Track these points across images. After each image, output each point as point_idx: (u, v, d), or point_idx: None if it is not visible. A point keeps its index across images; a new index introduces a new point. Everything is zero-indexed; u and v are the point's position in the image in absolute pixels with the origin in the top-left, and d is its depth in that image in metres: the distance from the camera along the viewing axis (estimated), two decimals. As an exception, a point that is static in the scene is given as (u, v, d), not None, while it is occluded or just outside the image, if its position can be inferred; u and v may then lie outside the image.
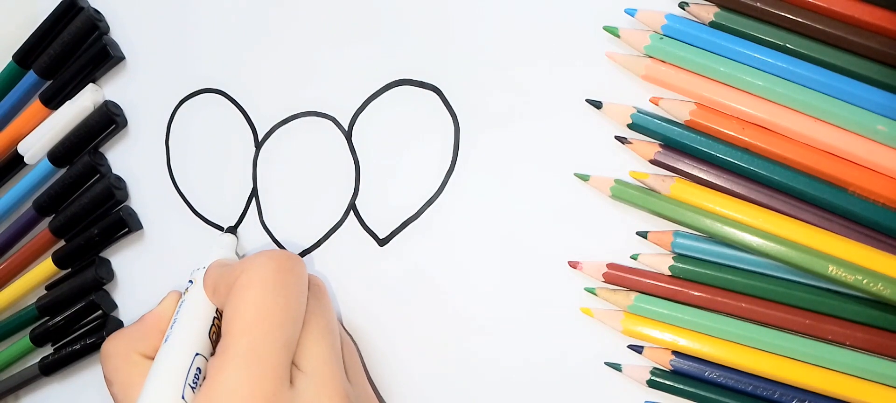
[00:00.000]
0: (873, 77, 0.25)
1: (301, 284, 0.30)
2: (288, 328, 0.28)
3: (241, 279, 0.28)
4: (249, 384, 0.26)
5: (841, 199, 0.26)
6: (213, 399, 0.26)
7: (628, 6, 0.28)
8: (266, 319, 0.27)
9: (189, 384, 0.28)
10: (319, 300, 0.31)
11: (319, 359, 0.29)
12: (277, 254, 0.29)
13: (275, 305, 0.28)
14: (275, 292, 0.28)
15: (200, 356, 0.29)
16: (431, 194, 0.32)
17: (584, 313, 0.29)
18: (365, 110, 0.33)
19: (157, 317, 0.32)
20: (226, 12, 0.36)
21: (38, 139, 0.40)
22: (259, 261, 0.29)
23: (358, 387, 0.30)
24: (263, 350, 0.27)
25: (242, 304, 0.28)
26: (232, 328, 0.27)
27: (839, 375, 0.26)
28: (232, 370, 0.26)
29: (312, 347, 0.29)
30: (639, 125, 0.28)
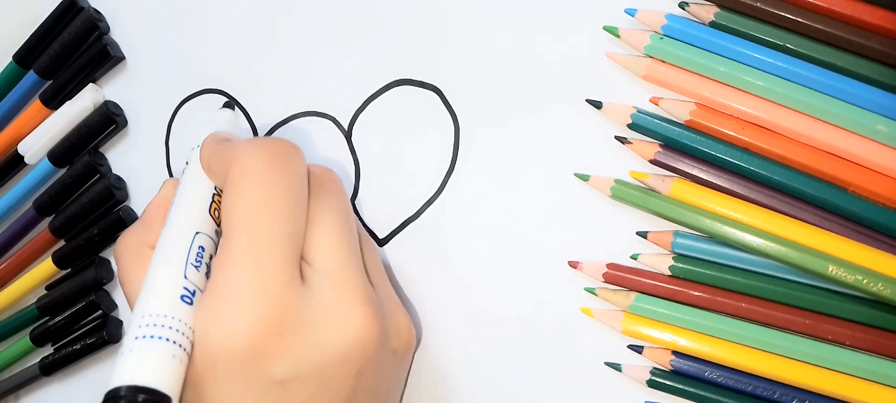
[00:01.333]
0: (873, 77, 0.25)
1: (298, 172, 0.27)
2: (288, 221, 0.26)
3: (232, 169, 0.26)
4: (254, 282, 0.24)
5: (841, 199, 0.26)
6: (216, 300, 0.24)
7: (628, 6, 0.28)
8: (263, 211, 0.25)
9: (192, 263, 0.26)
10: (330, 193, 0.28)
11: (334, 256, 0.26)
12: (269, 141, 0.27)
13: (272, 195, 0.25)
14: (268, 183, 0.26)
15: (202, 234, 0.27)
16: (431, 194, 0.32)
17: (584, 313, 0.29)
18: (365, 110, 0.33)
19: (158, 205, 0.30)
20: (226, 12, 0.36)
21: (38, 139, 0.40)
22: (251, 150, 0.26)
23: (381, 292, 0.28)
24: (264, 243, 0.25)
25: (236, 197, 0.26)
26: (229, 224, 0.25)
27: (839, 375, 0.26)
28: (233, 269, 0.25)
29: (324, 243, 0.26)
30: (639, 125, 0.28)
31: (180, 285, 0.25)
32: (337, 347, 0.25)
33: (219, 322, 0.24)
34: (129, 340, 0.24)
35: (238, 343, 0.24)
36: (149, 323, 0.24)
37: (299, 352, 0.24)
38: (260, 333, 0.24)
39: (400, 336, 0.28)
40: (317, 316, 0.25)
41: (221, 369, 0.24)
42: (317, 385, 0.25)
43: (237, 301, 0.24)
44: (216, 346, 0.24)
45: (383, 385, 0.28)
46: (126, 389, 0.23)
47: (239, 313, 0.24)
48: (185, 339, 0.24)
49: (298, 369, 0.24)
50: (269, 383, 0.24)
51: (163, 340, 0.24)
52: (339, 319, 0.25)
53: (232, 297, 0.24)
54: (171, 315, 0.24)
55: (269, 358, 0.24)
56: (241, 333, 0.24)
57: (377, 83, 0.33)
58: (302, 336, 0.24)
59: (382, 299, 0.28)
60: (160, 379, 0.23)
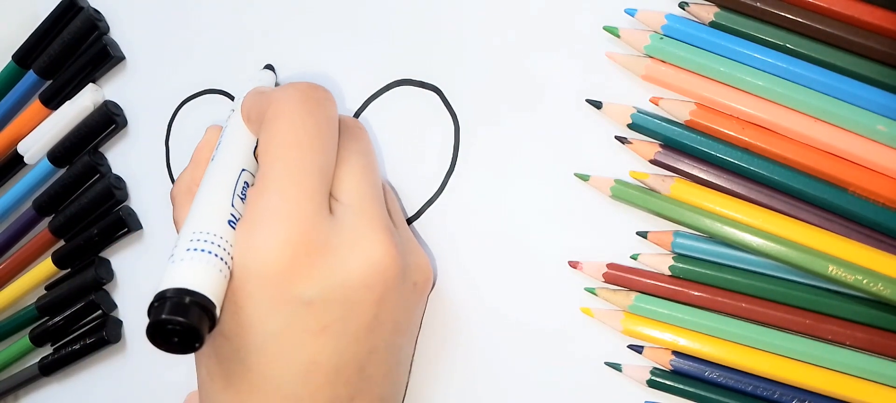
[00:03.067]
0: (873, 77, 0.25)
1: (329, 112, 0.29)
2: (319, 154, 0.28)
3: (269, 111, 0.28)
4: (287, 205, 0.26)
5: (841, 199, 0.26)
6: (252, 223, 0.26)
7: (628, 6, 0.28)
8: (296, 145, 0.27)
9: (238, 194, 0.28)
10: (358, 138, 0.30)
11: (358, 191, 0.28)
12: (304, 85, 0.29)
13: (303, 131, 0.27)
14: (302, 118, 0.28)
15: (247, 171, 0.29)
16: (431, 194, 0.32)
17: (584, 313, 0.29)
18: (365, 110, 0.33)
19: (204, 146, 0.32)
20: (226, 12, 0.36)
21: (38, 139, 0.40)
22: (286, 92, 0.29)
23: (402, 232, 0.30)
24: (297, 172, 0.27)
25: (273, 133, 0.28)
26: (266, 157, 0.27)
27: (839, 375, 0.26)
28: (267, 195, 0.26)
29: (350, 180, 0.28)
30: (639, 125, 0.28)
31: (227, 210, 0.27)
32: (360, 272, 0.27)
33: (253, 243, 0.26)
34: (180, 251, 0.25)
35: (269, 263, 0.26)
36: (198, 237, 0.26)
37: (325, 275, 0.26)
38: (289, 255, 0.26)
39: (419, 271, 0.30)
40: (342, 243, 0.27)
41: (255, 287, 0.26)
42: (342, 307, 0.26)
43: (270, 224, 0.26)
44: (251, 265, 0.26)
45: (403, 317, 0.29)
46: (173, 290, 0.24)
47: (271, 235, 0.26)
48: (230, 258, 0.26)
49: (324, 291, 0.26)
50: (298, 303, 0.26)
51: (211, 254, 0.25)
52: (362, 246, 0.27)
53: (265, 221, 0.26)
54: (219, 234, 0.26)
55: (297, 279, 0.26)
56: (272, 254, 0.26)
57: (377, 83, 0.33)
58: (328, 260, 0.26)
59: (402, 235, 0.29)
60: (207, 287, 0.24)
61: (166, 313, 0.23)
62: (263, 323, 0.26)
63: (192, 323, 0.23)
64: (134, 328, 0.40)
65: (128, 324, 0.40)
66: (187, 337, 0.24)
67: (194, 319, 0.24)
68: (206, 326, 0.24)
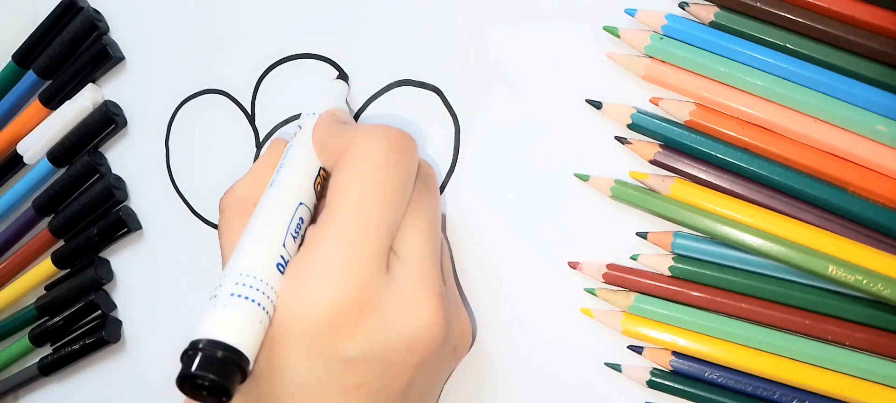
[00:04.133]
0: (873, 77, 0.25)
1: (412, 167, 0.28)
2: (393, 210, 0.26)
3: (352, 150, 0.27)
4: (347, 260, 0.25)
5: (841, 199, 0.26)
6: (308, 268, 0.25)
7: (628, 6, 0.28)
8: (373, 198, 0.26)
9: (291, 233, 0.27)
10: (429, 189, 0.29)
11: (419, 249, 0.27)
12: (393, 132, 0.28)
13: (384, 185, 0.26)
14: (385, 171, 0.26)
15: (304, 206, 0.28)
16: (431, 194, 0.32)
17: (584, 313, 0.29)
18: (365, 110, 0.33)
19: (265, 165, 0.30)
20: (226, 12, 0.36)
21: (38, 139, 0.40)
22: (373, 136, 0.27)
23: (450, 292, 0.29)
24: (366, 228, 0.26)
25: (351, 178, 0.26)
26: (337, 200, 0.26)
27: (839, 375, 0.26)
28: (331, 243, 0.25)
29: (415, 236, 0.27)
30: (639, 125, 0.28)
31: (278, 252, 0.26)
32: (405, 336, 0.26)
33: (305, 291, 0.25)
34: (224, 294, 0.25)
35: (318, 315, 0.25)
36: (245, 283, 0.25)
37: (371, 336, 0.25)
38: (340, 311, 0.25)
39: (461, 336, 0.29)
40: (393, 305, 0.26)
41: (296, 336, 0.25)
42: (380, 368, 0.26)
43: (327, 276, 0.25)
44: (297, 313, 0.25)
45: (437, 379, 0.29)
46: (207, 342, 0.24)
47: (326, 287, 0.25)
48: (271, 305, 0.25)
49: (366, 351, 0.25)
50: (338, 359, 0.25)
51: (254, 303, 0.25)
52: (412, 310, 0.26)
53: (323, 271, 0.25)
54: (266, 280, 0.25)
55: (342, 336, 0.25)
56: (323, 307, 0.25)
57: (377, 83, 0.33)
58: (376, 319, 0.25)
59: (450, 298, 0.29)
60: (244, 341, 0.24)
61: (197, 367, 0.23)
62: (298, 374, 0.25)
63: (221, 381, 0.23)
64: (133, 328, 0.40)
65: (127, 324, 0.40)
66: (216, 391, 0.24)
67: (224, 376, 0.23)
68: (236, 381, 0.24)
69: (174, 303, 0.39)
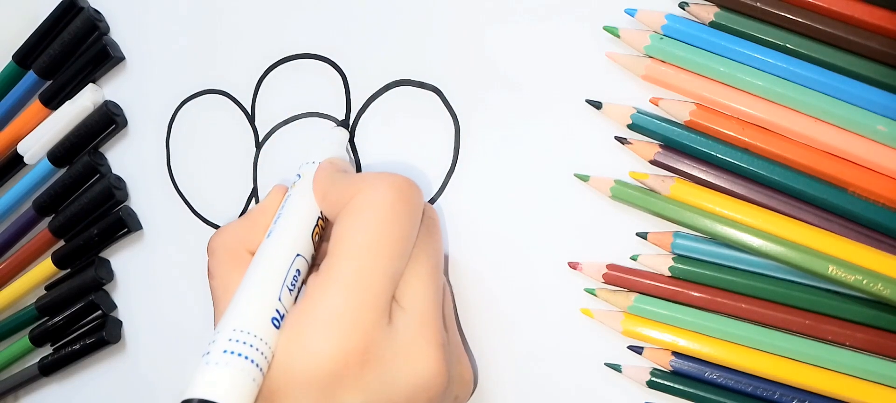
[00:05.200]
0: (873, 77, 0.25)
1: (417, 216, 0.28)
2: (397, 260, 0.26)
3: (357, 199, 0.27)
4: (350, 310, 0.25)
5: (841, 199, 0.26)
6: (310, 318, 0.25)
7: (628, 6, 0.28)
8: (377, 248, 0.26)
9: (287, 286, 0.26)
10: (431, 235, 0.29)
11: (422, 299, 0.27)
12: (398, 180, 0.27)
13: (388, 235, 0.26)
14: (390, 221, 0.26)
15: (301, 257, 0.27)
16: (432, 194, 0.32)
17: (584, 314, 0.29)
18: (365, 110, 0.33)
19: (263, 212, 0.30)
20: (226, 13, 0.36)
21: (38, 139, 0.40)
22: (378, 185, 0.27)
23: (452, 338, 0.29)
24: (369, 279, 0.25)
25: (354, 227, 0.26)
26: (339, 249, 0.26)
27: (839, 375, 0.26)
28: (334, 293, 0.25)
29: (417, 284, 0.27)
30: (639, 125, 0.28)
31: (274, 306, 0.26)
32: (406, 387, 0.26)
33: (307, 341, 0.25)
34: (217, 351, 0.24)
35: (320, 368, 0.24)
36: (239, 339, 0.24)
37: (372, 386, 0.25)
38: (343, 362, 0.25)
39: (462, 384, 0.29)
40: (395, 356, 0.26)
41: (298, 387, 0.25)
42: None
43: (329, 326, 0.25)
44: (298, 366, 0.25)
45: None
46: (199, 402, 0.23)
47: (328, 338, 0.25)
48: (266, 361, 0.25)
49: (368, 401, 0.25)
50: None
51: (248, 360, 0.24)
52: (414, 361, 0.26)
53: (325, 321, 0.25)
54: (260, 336, 0.25)
55: (344, 388, 0.25)
56: (325, 357, 0.25)
57: (377, 83, 0.33)
58: (378, 371, 0.25)
59: (452, 345, 0.29)
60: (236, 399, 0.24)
61: None
62: None
63: None
64: (133, 328, 0.40)
65: (127, 324, 0.40)
66: None
67: None
68: None
69: (174, 303, 0.39)
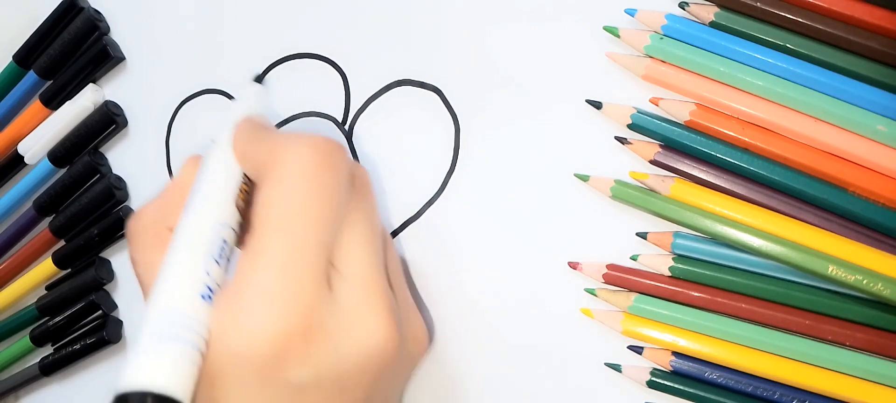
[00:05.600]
0: (873, 77, 0.25)
1: (344, 178, 0.26)
2: (328, 226, 0.25)
3: (276, 168, 0.25)
4: (286, 287, 0.24)
5: (841, 199, 0.26)
6: (244, 299, 0.24)
7: (628, 6, 0.28)
8: (305, 216, 0.24)
9: (214, 258, 0.25)
10: (364, 196, 0.27)
11: (361, 262, 0.26)
12: (320, 142, 0.26)
13: (314, 202, 0.25)
14: (315, 187, 0.25)
15: (226, 225, 0.26)
16: (432, 194, 0.32)
17: (584, 314, 0.29)
18: (365, 110, 0.33)
19: (179, 184, 0.28)
20: (226, 13, 0.36)
21: (39, 139, 0.40)
22: (298, 150, 0.25)
23: (400, 297, 0.28)
24: (302, 250, 0.24)
25: (278, 197, 0.25)
26: (265, 224, 0.24)
27: (839, 375, 0.26)
28: (265, 272, 0.24)
29: (354, 248, 0.26)
30: (639, 125, 0.28)
31: (202, 281, 0.24)
32: (357, 355, 0.25)
33: (243, 323, 0.23)
34: (145, 337, 0.23)
35: (261, 347, 0.23)
36: (166, 321, 0.23)
37: (321, 360, 0.24)
38: (285, 340, 0.23)
39: (416, 341, 0.29)
40: (340, 325, 0.25)
41: (239, 371, 0.24)
42: (334, 391, 0.25)
43: (265, 305, 0.24)
44: (237, 348, 0.23)
45: (395, 387, 0.28)
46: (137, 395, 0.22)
47: (265, 318, 0.23)
48: (202, 340, 0.24)
49: (318, 375, 0.24)
50: (288, 388, 0.24)
51: (180, 341, 0.23)
52: (361, 328, 0.25)
53: (260, 300, 0.24)
54: (190, 314, 0.23)
55: (290, 364, 0.24)
56: (265, 338, 0.23)
57: (377, 83, 0.33)
58: (323, 342, 0.24)
59: (400, 303, 0.28)
60: (174, 385, 0.22)
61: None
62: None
63: None
64: (134, 328, 0.40)
65: (128, 324, 0.40)
66: None
67: None
68: None
69: (174, 303, 0.39)
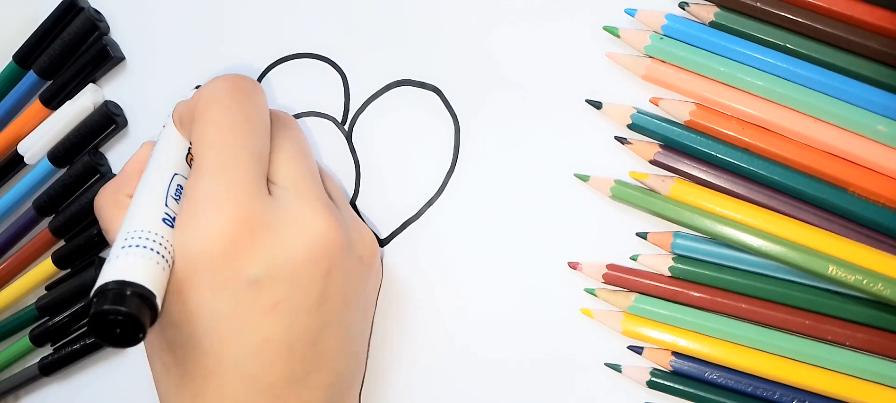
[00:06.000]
0: (873, 77, 0.25)
1: (259, 101, 0.30)
2: (253, 139, 0.28)
3: (198, 104, 0.29)
4: (225, 188, 0.27)
5: (841, 199, 0.26)
6: (191, 208, 0.27)
7: (628, 6, 0.28)
8: (228, 131, 0.28)
9: (172, 196, 0.28)
10: (289, 127, 0.31)
11: (295, 173, 0.29)
12: (231, 76, 0.30)
13: (234, 119, 0.28)
14: (232, 107, 0.28)
15: (180, 176, 0.29)
16: (431, 194, 0.32)
17: (584, 314, 0.29)
18: (365, 110, 0.33)
19: (137, 161, 0.32)
20: (226, 12, 0.36)
21: (38, 139, 0.40)
22: (213, 85, 0.29)
23: (343, 210, 0.30)
24: (231, 158, 0.27)
25: (204, 124, 0.28)
26: (199, 148, 0.28)
27: (839, 375, 0.26)
28: (205, 179, 0.27)
29: (286, 164, 0.29)
30: (639, 125, 0.28)
31: (161, 209, 0.27)
32: (304, 247, 0.27)
33: (194, 229, 0.26)
34: (115, 250, 0.26)
35: (213, 245, 0.26)
36: (133, 235, 0.26)
37: (270, 253, 0.26)
38: (232, 235, 0.26)
39: (364, 245, 0.30)
40: (283, 221, 0.27)
41: (199, 272, 0.26)
42: (288, 284, 0.27)
43: (209, 208, 0.26)
44: (193, 251, 0.26)
45: (353, 291, 0.29)
46: (114, 283, 0.24)
47: (212, 218, 0.26)
48: (168, 253, 0.26)
49: (270, 268, 0.26)
50: (244, 282, 0.26)
51: (147, 249, 0.26)
52: (304, 222, 0.27)
53: (204, 205, 0.26)
54: (154, 231, 0.26)
55: (242, 259, 0.26)
56: (214, 236, 0.26)
57: (377, 83, 0.33)
58: (270, 237, 0.27)
59: (344, 213, 0.30)
60: (145, 278, 0.25)
61: (108, 304, 0.24)
62: (212, 306, 0.26)
63: (132, 312, 0.24)
64: (134, 328, 0.40)
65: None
66: (129, 328, 0.24)
67: (134, 308, 0.24)
68: (147, 316, 0.24)
69: (174, 303, 0.39)
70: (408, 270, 0.32)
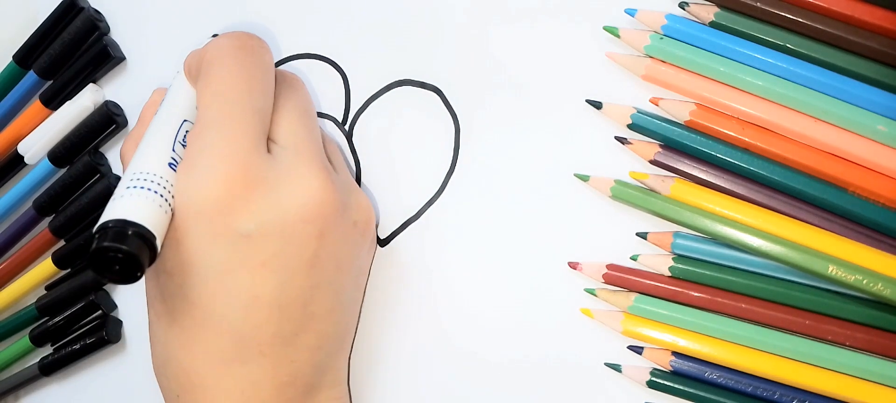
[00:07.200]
0: (873, 77, 0.25)
1: (264, 59, 0.30)
2: (255, 96, 0.28)
3: (204, 59, 0.29)
4: (224, 142, 0.27)
5: (841, 199, 0.26)
6: (192, 159, 0.27)
7: (628, 6, 0.28)
8: (232, 87, 0.28)
9: (179, 142, 0.29)
10: (294, 87, 0.31)
11: (296, 134, 0.29)
12: (238, 33, 0.30)
13: (238, 75, 0.28)
14: (237, 64, 0.29)
15: (188, 122, 0.30)
16: (432, 194, 0.32)
17: (584, 314, 0.29)
18: (365, 110, 0.33)
19: (149, 105, 0.33)
20: (226, 13, 0.36)
21: (39, 139, 0.40)
22: (220, 41, 0.29)
23: (341, 174, 0.30)
24: (233, 113, 0.28)
25: (209, 78, 0.28)
26: (202, 100, 0.28)
27: (839, 375, 0.26)
28: (206, 132, 0.27)
29: (288, 124, 0.29)
30: (639, 125, 0.28)
31: (168, 153, 0.28)
32: (297, 206, 0.27)
33: (192, 179, 0.27)
34: (120, 189, 0.26)
35: (208, 197, 0.26)
36: (139, 177, 0.27)
37: (263, 209, 0.27)
38: (227, 188, 0.26)
39: (360, 210, 0.30)
40: (279, 179, 0.27)
41: (194, 221, 0.26)
42: (280, 242, 0.27)
43: (208, 160, 0.27)
44: (190, 200, 0.27)
45: (346, 256, 0.29)
46: (116, 221, 0.25)
47: (209, 169, 0.27)
48: (170, 197, 0.27)
49: (262, 224, 0.27)
50: (236, 236, 0.26)
51: (150, 191, 0.26)
52: (299, 181, 0.27)
53: (204, 157, 0.27)
54: (159, 173, 0.27)
55: (235, 212, 0.26)
56: (210, 187, 0.26)
57: (377, 83, 0.33)
58: (265, 194, 0.27)
59: (341, 178, 0.30)
60: (146, 219, 0.25)
61: (108, 241, 0.24)
62: (204, 258, 0.27)
63: (132, 250, 0.24)
64: (134, 328, 0.40)
65: (128, 324, 0.40)
66: (128, 266, 0.24)
67: (134, 247, 0.24)
68: (146, 256, 0.25)
69: (174, 303, 0.39)
70: (408, 270, 0.32)
